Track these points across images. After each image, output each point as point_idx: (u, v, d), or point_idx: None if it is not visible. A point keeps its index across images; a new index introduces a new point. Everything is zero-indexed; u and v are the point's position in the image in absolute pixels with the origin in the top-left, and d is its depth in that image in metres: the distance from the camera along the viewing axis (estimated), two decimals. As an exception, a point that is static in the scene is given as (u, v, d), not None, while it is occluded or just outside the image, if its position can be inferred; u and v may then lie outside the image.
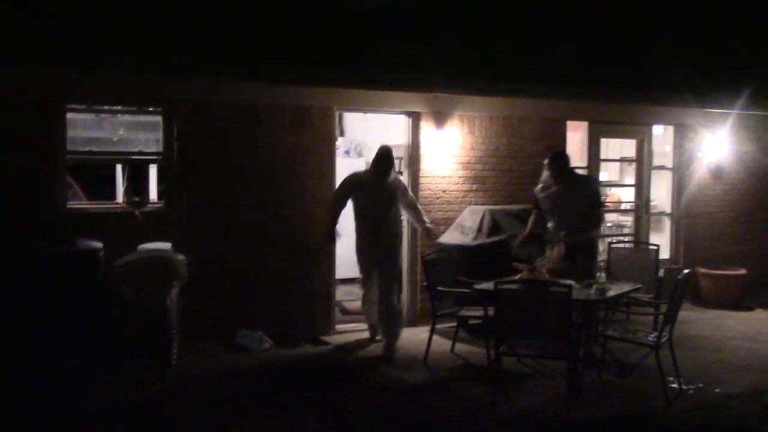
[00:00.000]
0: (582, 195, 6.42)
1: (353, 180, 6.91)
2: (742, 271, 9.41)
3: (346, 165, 8.04)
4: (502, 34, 8.01)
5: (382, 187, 6.80)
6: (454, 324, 6.92)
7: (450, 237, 7.82)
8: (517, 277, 5.88)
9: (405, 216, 7.37)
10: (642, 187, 9.65)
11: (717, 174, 9.98)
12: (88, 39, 6.19)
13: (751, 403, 5.51)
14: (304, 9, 7.09)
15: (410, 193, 7.30)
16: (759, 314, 8.97)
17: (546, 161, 6.57)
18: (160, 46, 6.41)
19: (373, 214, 6.79)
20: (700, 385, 5.90)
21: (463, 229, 7.75)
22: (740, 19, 9.34)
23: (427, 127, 8.05)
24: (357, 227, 6.95)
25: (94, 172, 8.84)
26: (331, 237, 6.91)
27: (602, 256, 8.08)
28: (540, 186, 6.67)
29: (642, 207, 9.66)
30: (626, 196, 10.21)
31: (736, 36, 9.28)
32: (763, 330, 8.02)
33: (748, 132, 10.02)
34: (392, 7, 7.32)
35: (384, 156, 6.77)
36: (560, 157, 6.57)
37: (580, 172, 8.25)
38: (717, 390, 5.80)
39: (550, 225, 6.51)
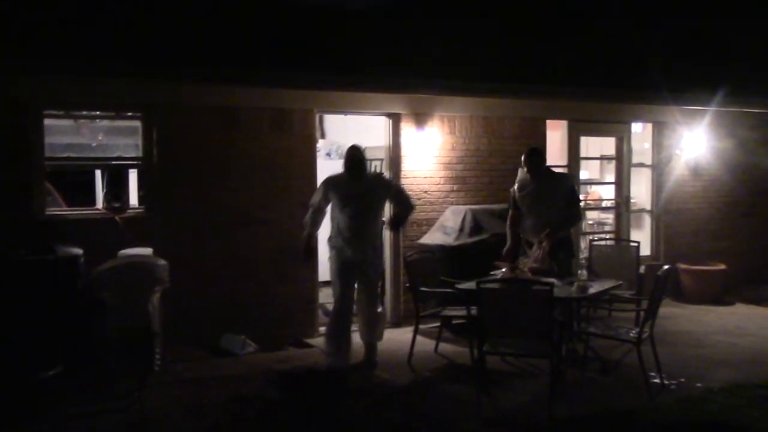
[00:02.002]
0: (560, 192, 6.44)
1: (329, 182, 6.48)
2: (722, 267, 9.50)
3: (328, 167, 8.00)
4: (480, 35, 8.04)
5: (360, 188, 6.36)
6: (438, 324, 6.94)
7: (432, 237, 7.84)
8: (499, 275, 5.91)
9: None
10: (622, 184, 9.73)
11: (695, 171, 10.07)
12: (65, 44, 6.13)
13: (732, 397, 5.56)
14: (283, 12, 7.07)
15: (405, 194, 6.72)
16: (739, 309, 9.07)
17: (523, 158, 6.55)
18: (138, 50, 6.38)
19: (353, 216, 6.33)
20: (682, 380, 5.95)
21: (445, 230, 7.77)
22: (716, 16, 9.42)
23: (407, 129, 8.06)
24: (335, 230, 6.45)
25: (74, 178, 8.76)
26: (310, 251, 6.54)
27: (584, 254, 8.13)
28: (516, 186, 6.67)
29: (622, 204, 9.73)
30: (607, 193, 10.28)
31: (713, 33, 9.36)
32: (743, 325, 8.11)
33: (725, 129, 10.12)
34: (371, 9, 7.32)
35: (350, 156, 6.34)
36: (536, 153, 6.56)
37: (560, 170, 8.29)
38: (698, 385, 5.86)
39: (527, 223, 6.50)
